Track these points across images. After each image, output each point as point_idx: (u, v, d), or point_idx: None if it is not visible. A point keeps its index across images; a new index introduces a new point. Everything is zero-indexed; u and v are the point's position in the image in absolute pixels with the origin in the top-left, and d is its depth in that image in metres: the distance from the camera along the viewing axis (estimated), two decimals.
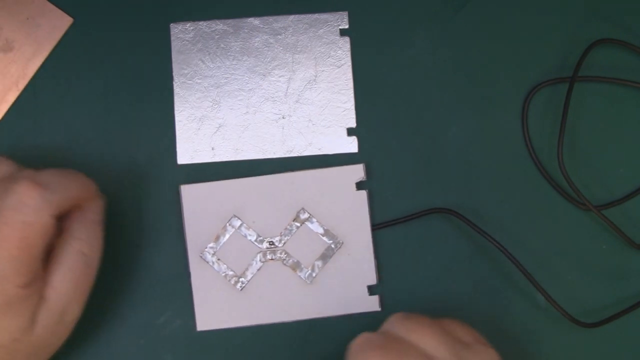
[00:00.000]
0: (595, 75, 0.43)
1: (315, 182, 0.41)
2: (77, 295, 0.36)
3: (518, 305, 0.42)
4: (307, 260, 0.41)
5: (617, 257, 0.42)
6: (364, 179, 0.42)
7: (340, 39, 0.43)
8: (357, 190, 0.41)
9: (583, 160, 0.43)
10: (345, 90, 0.43)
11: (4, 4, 0.43)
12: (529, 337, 0.41)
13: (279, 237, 0.41)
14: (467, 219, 0.41)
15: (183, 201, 0.41)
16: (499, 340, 0.36)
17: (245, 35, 0.43)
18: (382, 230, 0.42)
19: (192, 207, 0.41)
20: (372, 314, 0.41)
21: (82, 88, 0.42)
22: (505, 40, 0.43)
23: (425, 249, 0.42)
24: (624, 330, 0.41)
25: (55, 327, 0.35)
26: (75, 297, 0.35)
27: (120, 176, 0.42)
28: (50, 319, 0.35)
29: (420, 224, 0.42)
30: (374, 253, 0.41)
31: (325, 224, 0.41)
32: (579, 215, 0.42)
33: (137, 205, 0.42)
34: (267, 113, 0.42)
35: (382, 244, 0.42)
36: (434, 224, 0.42)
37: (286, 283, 0.41)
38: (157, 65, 0.43)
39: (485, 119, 0.43)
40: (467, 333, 0.35)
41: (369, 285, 0.41)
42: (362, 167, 0.41)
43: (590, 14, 0.43)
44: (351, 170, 0.41)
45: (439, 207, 0.42)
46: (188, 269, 0.41)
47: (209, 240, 0.41)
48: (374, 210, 0.42)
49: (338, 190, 0.41)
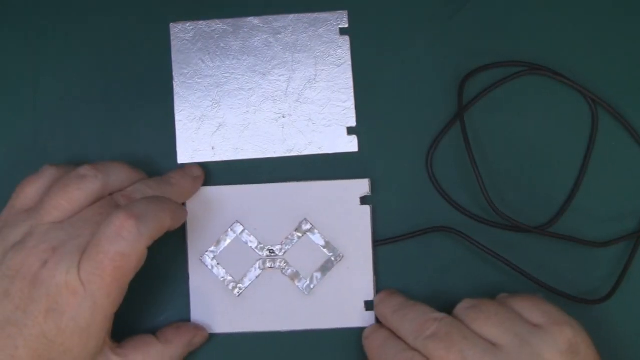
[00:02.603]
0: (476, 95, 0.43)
1: (319, 194, 0.41)
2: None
3: None
4: (306, 271, 0.41)
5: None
6: (368, 194, 0.41)
7: (340, 38, 0.43)
8: (361, 205, 0.41)
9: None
10: (345, 89, 0.42)
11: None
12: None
13: (280, 246, 0.41)
14: (470, 237, 0.41)
15: (187, 203, 0.41)
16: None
17: (245, 35, 0.43)
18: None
19: (195, 209, 0.41)
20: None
21: (82, 88, 0.43)
22: (505, 40, 0.43)
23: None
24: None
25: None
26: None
27: None
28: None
29: (421, 241, 0.41)
30: (374, 269, 0.41)
31: (327, 236, 0.41)
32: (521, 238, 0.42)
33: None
34: (267, 112, 0.42)
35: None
36: (435, 241, 0.42)
37: (284, 292, 0.41)
38: (157, 65, 0.43)
39: (485, 119, 0.43)
40: (540, 313, 0.34)
41: (366, 300, 0.41)
42: (367, 182, 0.41)
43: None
44: (356, 185, 0.41)
45: (441, 226, 0.41)
46: (187, 271, 0.41)
47: (210, 244, 0.41)
48: (377, 225, 0.42)
49: (342, 203, 0.41)
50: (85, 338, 0.33)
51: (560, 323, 0.34)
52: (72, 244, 0.33)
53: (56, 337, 0.32)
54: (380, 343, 0.37)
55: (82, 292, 0.32)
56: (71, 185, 0.35)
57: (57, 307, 0.32)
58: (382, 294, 0.40)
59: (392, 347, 0.36)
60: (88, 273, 0.32)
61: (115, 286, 0.33)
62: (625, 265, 0.41)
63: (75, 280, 0.32)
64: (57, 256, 0.33)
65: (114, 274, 0.33)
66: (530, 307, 0.35)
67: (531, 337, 0.33)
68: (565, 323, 0.34)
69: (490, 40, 0.43)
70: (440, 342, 0.33)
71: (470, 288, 0.41)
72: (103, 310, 0.33)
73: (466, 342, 0.33)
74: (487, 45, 0.43)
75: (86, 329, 0.33)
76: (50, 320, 0.32)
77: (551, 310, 0.34)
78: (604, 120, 0.43)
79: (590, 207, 0.42)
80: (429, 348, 0.33)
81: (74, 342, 0.33)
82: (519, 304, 0.35)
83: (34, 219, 0.35)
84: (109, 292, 0.33)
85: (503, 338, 0.33)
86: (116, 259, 0.32)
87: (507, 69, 0.43)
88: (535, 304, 0.35)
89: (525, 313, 0.34)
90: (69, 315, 0.32)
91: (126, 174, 0.38)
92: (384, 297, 0.39)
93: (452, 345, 0.33)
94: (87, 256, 0.33)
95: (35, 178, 0.37)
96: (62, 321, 0.32)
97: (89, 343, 0.33)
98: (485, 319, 0.34)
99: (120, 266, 0.33)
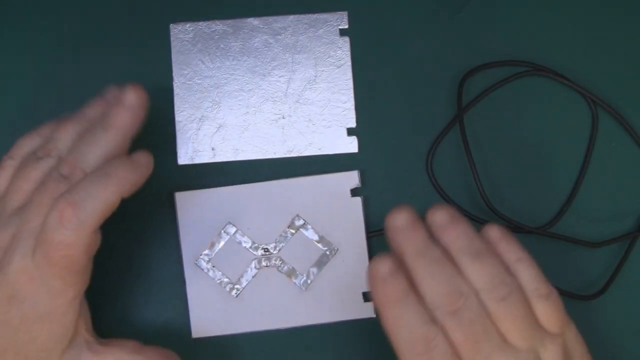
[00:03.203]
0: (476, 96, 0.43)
1: (310, 189, 0.41)
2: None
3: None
4: (302, 267, 0.41)
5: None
6: (358, 185, 0.41)
7: (340, 39, 0.43)
8: (352, 197, 0.41)
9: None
10: (345, 90, 0.42)
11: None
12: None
13: (274, 244, 0.41)
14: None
15: (177, 208, 0.41)
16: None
17: (245, 36, 0.43)
18: (377, 237, 0.42)
19: (186, 214, 0.41)
20: (367, 320, 0.41)
21: (82, 88, 0.42)
22: (505, 40, 0.43)
23: None
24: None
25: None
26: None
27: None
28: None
29: None
30: (369, 259, 0.41)
31: (320, 231, 0.41)
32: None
33: (137, 206, 0.42)
34: (267, 113, 0.42)
35: (377, 250, 0.42)
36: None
37: (281, 290, 0.41)
38: (157, 66, 0.43)
39: (485, 119, 0.43)
40: (554, 319, 0.33)
41: (364, 291, 0.41)
42: (356, 174, 0.41)
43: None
44: (346, 177, 0.41)
45: None
46: (183, 276, 0.41)
47: (204, 247, 0.41)
48: (369, 216, 0.42)
49: (333, 197, 0.41)
50: (48, 324, 0.33)
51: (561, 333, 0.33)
52: (26, 229, 0.33)
53: (20, 325, 0.33)
54: (396, 298, 0.32)
55: (38, 277, 0.32)
56: (28, 166, 0.36)
57: (16, 294, 0.32)
58: (402, 214, 0.34)
59: (413, 314, 0.32)
60: (40, 258, 0.32)
61: (66, 272, 0.33)
62: (618, 264, 0.42)
63: (30, 265, 0.32)
64: (14, 243, 0.33)
65: (61, 262, 0.33)
66: (547, 313, 0.33)
67: (541, 348, 0.32)
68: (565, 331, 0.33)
69: (490, 40, 0.43)
70: (459, 326, 0.31)
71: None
72: (61, 294, 0.33)
73: (484, 336, 0.31)
74: (487, 46, 0.43)
75: (47, 315, 0.33)
76: (12, 307, 0.32)
77: (564, 319, 0.33)
78: (604, 121, 0.43)
79: (590, 207, 0.42)
80: (447, 325, 0.31)
81: (38, 330, 0.33)
82: (540, 305, 0.33)
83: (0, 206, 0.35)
84: (61, 276, 0.33)
85: (518, 339, 0.32)
86: (60, 248, 0.32)
87: (506, 69, 0.43)
88: (556, 306, 0.33)
89: (542, 316, 0.33)
90: (29, 301, 0.32)
91: (74, 134, 0.37)
92: (405, 221, 0.34)
93: (470, 335, 0.31)
94: (38, 242, 0.33)
95: (3, 165, 0.37)
96: (24, 308, 0.32)
97: (53, 330, 0.33)
98: (512, 318, 0.32)
99: (67, 254, 0.33)
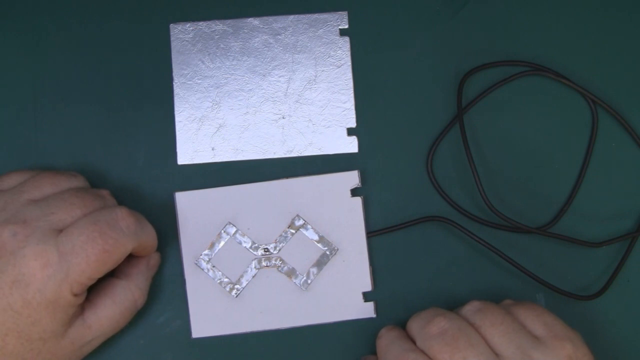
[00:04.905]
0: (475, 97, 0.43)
1: (310, 189, 0.41)
2: (109, 328, 0.37)
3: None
4: (302, 267, 0.41)
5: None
6: (359, 185, 0.41)
7: (340, 39, 0.43)
8: (352, 197, 0.41)
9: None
10: (345, 90, 0.42)
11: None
12: None
13: (274, 244, 0.41)
14: (462, 226, 0.41)
15: (177, 208, 0.41)
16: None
17: (245, 36, 0.43)
18: (377, 237, 0.42)
19: (186, 214, 0.41)
20: (368, 320, 0.41)
21: (82, 88, 0.42)
22: (505, 40, 0.43)
23: (420, 255, 0.42)
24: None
25: (78, 347, 0.36)
26: (107, 329, 0.37)
27: (121, 177, 0.42)
28: (79, 338, 0.35)
29: (415, 231, 0.42)
30: (369, 259, 0.41)
31: (320, 231, 0.41)
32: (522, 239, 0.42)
33: (138, 206, 0.41)
34: (267, 113, 0.42)
35: (377, 250, 0.42)
36: (429, 230, 0.42)
37: (281, 290, 0.41)
38: (157, 66, 0.43)
39: (485, 119, 0.43)
40: (543, 325, 0.34)
41: (364, 291, 0.41)
42: (356, 174, 0.41)
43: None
44: (346, 177, 0.41)
45: (434, 215, 0.41)
46: (183, 276, 0.41)
47: (204, 247, 0.41)
48: (369, 215, 0.42)
49: (333, 196, 0.41)
50: (52, 310, 0.33)
51: (562, 338, 0.33)
52: (46, 219, 0.34)
53: (22, 309, 0.33)
54: (389, 341, 0.37)
55: (56, 264, 0.33)
56: (61, 176, 0.37)
57: (22, 279, 0.32)
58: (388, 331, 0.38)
59: (399, 346, 0.35)
60: (72, 245, 0.33)
61: (94, 267, 0.33)
62: (618, 264, 0.42)
63: (50, 251, 0.33)
64: (28, 229, 0.33)
65: (99, 256, 0.33)
66: (533, 318, 0.34)
67: (533, 351, 0.32)
68: (566, 338, 0.33)
69: (490, 40, 0.43)
70: (445, 345, 0.33)
71: (466, 277, 0.42)
72: (71, 286, 0.33)
73: (471, 350, 0.32)
74: (487, 46, 0.43)
75: (53, 302, 0.33)
76: (15, 291, 0.33)
77: (554, 323, 0.34)
78: (604, 121, 0.43)
79: (590, 207, 0.42)
80: (434, 349, 0.33)
81: (42, 314, 0.33)
82: (523, 313, 0.35)
83: (9, 195, 0.35)
84: (84, 269, 0.33)
85: (506, 349, 0.33)
86: (109, 243, 0.33)
87: (506, 69, 0.43)
88: (538, 314, 0.35)
89: (529, 324, 0.34)
90: (35, 287, 0.33)
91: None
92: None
93: (457, 350, 0.32)
94: (73, 230, 0.33)
95: (24, 170, 0.38)
96: (28, 293, 0.33)
97: (57, 314, 0.34)
98: (491, 326, 0.34)
99: (109, 251, 0.33)
